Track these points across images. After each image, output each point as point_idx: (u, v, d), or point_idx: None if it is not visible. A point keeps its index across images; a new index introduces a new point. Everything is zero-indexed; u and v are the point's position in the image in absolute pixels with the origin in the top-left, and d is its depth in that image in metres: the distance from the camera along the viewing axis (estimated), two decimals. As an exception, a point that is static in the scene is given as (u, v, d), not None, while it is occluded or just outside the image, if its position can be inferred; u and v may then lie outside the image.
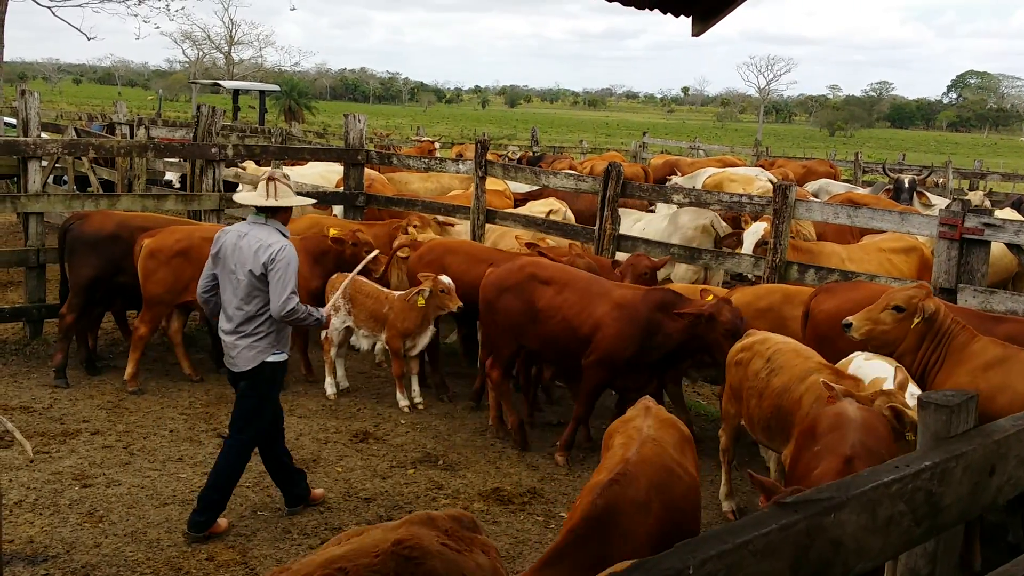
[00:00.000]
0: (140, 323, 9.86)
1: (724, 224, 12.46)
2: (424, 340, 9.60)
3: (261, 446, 7.06)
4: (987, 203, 16.79)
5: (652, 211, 13.98)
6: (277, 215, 6.88)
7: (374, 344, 9.77)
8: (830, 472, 4.69)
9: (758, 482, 4.61)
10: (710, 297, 8.10)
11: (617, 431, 5.60)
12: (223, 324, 6.84)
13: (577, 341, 8.22)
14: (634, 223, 12.15)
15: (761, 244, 10.70)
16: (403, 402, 9.59)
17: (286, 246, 6.67)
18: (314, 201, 11.04)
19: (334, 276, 9.77)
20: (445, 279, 9.33)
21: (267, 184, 6.85)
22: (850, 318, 7.01)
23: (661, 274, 10.77)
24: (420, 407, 9.61)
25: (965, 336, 6.83)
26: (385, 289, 9.89)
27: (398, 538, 3.75)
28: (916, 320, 6.84)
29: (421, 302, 9.23)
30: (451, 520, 4.13)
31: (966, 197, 18.12)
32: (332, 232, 10.21)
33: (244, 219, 7.11)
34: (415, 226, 11.72)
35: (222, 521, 6.83)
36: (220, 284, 6.86)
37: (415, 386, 9.73)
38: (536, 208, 12.98)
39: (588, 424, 8.99)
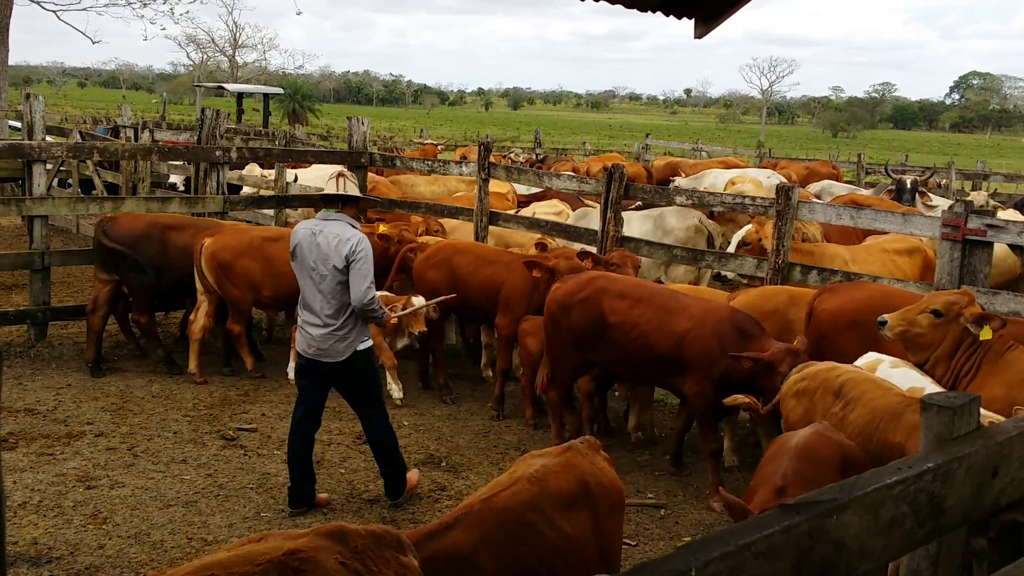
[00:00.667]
0: (231, 324, 10.32)
1: (712, 222, 12.52)
2: (399, 342, 9.78)
3: (298, 430, 7.30)
4: (991, 203, 16.78)
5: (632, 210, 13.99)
6: (345, 209, 7.15)
7: None
8: (761, 504, 4.60)
9: (728, 502, 4.52)
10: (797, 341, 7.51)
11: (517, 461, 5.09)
12: (307, 318, 7.07)
13: (656, 358, 7.82)
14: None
15: (743, 245, 10.76)
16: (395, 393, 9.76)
17: (363, 238, 6.99)
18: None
19: None
20: (416, 301, 9.26)
21: (337, 179, 7.17)
22: (886, 316, 6.78)
23: (651, 275, 10.79)
24: (397, 403, 9.68)
25: (1000, 345, 6.60)
26: None
27: (292, 548, 3.40)
28: (963, 327, 6.60)
29: (394, 320, 9.11)
30: (368, 537, 3.66)
31: (968, 198, 18.14)
32: (382, 228, 10.65)
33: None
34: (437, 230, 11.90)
35: (412, 475, 7.58)
36: (300, 281, 7.11)
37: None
38: (541, 210, 13.00)
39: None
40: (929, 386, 6.13)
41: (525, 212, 13.00)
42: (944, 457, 2.89)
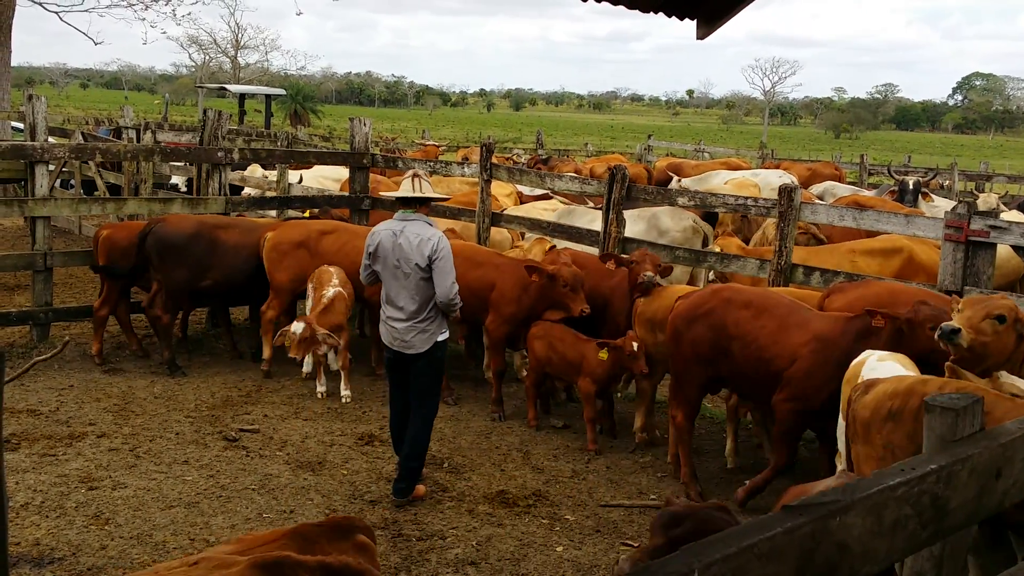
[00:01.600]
0: (268, 308, 10.63)
1: (704, 223, 12.55)
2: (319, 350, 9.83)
3: (400, 423, 7.75)
4: (1001, 205, 16.78)
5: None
6: (420, 209, 7.57)
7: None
8: None
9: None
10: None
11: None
12: (392, 313, 7.50)
13: (768, 375, 7.39)
14: (590, 221, 12.00)
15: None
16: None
17: (443, 237, 7.49)
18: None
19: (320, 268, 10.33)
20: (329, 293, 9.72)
21: (412, 180, 7.64)
22: (954, 323, 6.08)
23: None
24: (321, 396, 9.86)
25: None
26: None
27: None
28: (1019, 333, 6.16)
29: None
30: (317, 569, 3.34)
31: (978, 198, 18.10)
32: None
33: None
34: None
35: (421, 487, 7.60)
36: (383, 279, 7.53)
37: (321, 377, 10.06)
38: (540, 209, 13.00)
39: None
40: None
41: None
42: (948, 459, 2.88)
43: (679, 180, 18.65)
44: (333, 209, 12.91)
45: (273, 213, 13.75)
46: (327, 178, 16.23)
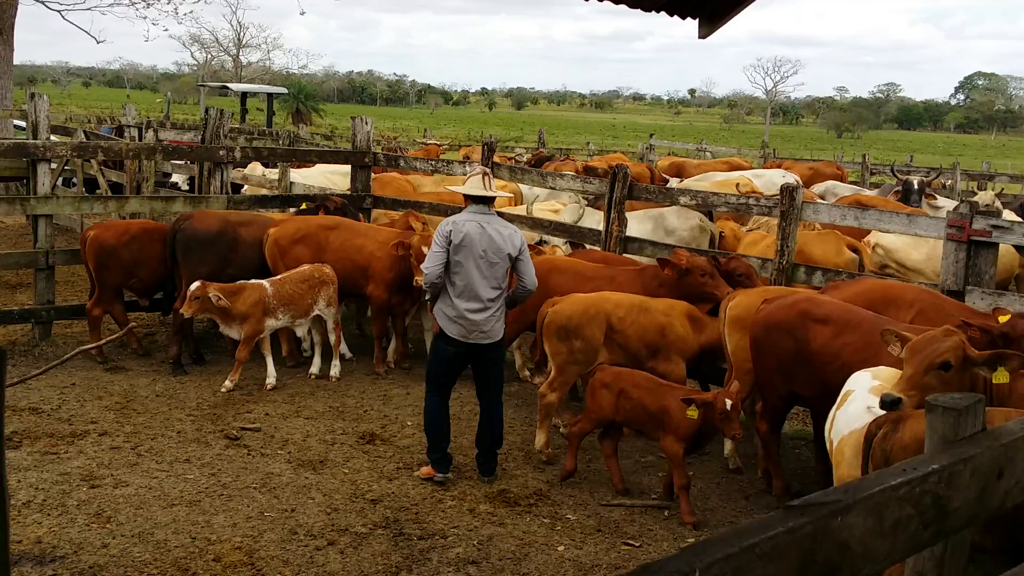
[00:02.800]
0: None
1: (710, 222, 12.57)
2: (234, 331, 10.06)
3: (442, 412, 8.13)
4: (997, 203, 16.76)
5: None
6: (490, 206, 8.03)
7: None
8: None
9: None
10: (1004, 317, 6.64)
11: None
12: (470, 305, 7.74)
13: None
14: (596, 223, 11.99)
15: None
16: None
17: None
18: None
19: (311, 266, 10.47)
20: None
21: (483, 178, 7.91)
22: (892, 392, 5.53)
23: None
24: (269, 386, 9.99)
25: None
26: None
27: None
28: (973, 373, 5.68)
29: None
30: None
31: (975, 198, 18.09)
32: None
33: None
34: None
35: (425, 469, 8.00)
36: (461, 270, 7.71)
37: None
38: (540, 209, 13.01)
39: None
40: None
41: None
42: (949, 459, 2.88)
43: (680, 181, 18.65)
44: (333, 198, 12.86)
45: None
46: (335, 173, 16.23)
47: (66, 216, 17.74)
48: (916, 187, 16.64)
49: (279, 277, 10.23)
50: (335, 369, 10.40)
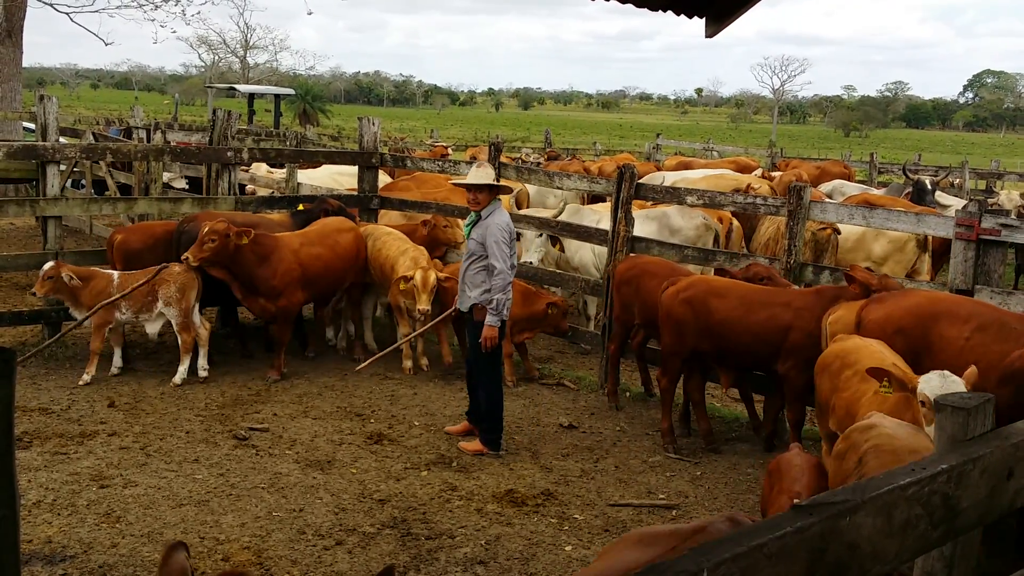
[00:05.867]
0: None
1: (714, 221, 12.60)
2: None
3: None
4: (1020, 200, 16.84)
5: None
6: None
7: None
8: None
9: None
10: None
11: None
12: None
13: None
14: (598, 222, 11.98)
15: None
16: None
17: None
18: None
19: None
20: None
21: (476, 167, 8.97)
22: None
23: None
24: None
25: None
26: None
27: None
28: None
29: None
30: None
31: (999, 196, 18.07)
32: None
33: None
34: (446, 226, 12.01)
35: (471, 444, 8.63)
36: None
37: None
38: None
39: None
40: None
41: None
42: (958, 458, 2.88)
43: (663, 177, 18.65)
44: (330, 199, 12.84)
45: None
46: (341, 174, 16.25)
47: (75, 217, 17.77)
48: (929, 187, 16.61)
49: (129, 272, 10.14)
50: (179, 374, 9.98)
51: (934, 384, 5.41)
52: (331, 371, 10.51)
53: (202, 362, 10.15)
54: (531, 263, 11.77)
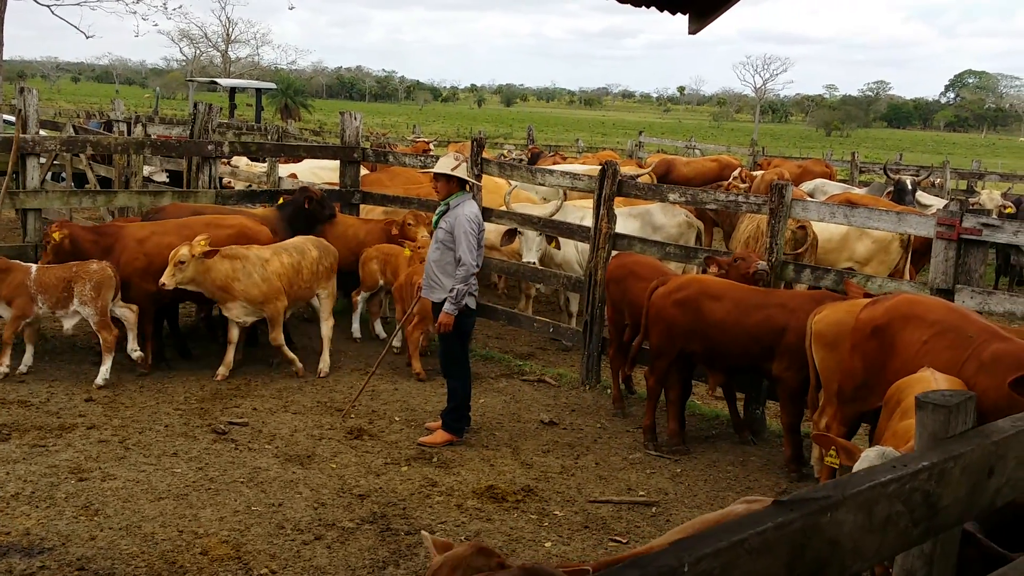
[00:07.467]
0: None
1: (696, 219, 12.65)
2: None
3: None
4: (1001, 204, 16.93)
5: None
6: None
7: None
8: None
9: None
10: None
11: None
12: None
13: None
14: (581, 219, 11.96)
15: None
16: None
17: None
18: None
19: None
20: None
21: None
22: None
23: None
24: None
25: None
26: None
27: None
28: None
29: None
30: None
31: (980, 196, 18.15)
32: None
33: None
34: (410, 223, 11.85)
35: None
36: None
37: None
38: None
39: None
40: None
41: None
42: (939, 456, 2.88)
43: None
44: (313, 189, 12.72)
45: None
46: (323, 168, 16.21)
47: (55, 210, 17.67)
48: (910, 187, 16.69)
49: (48, 266, 9.85)
50: (101, 375, 9.64)
51: (871, 458, 5.39)
52: (311, 366, 10.46)
53: (132, 344, 9.91)
54: (532, 263, 11.70)
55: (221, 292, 9.85)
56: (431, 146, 25.03)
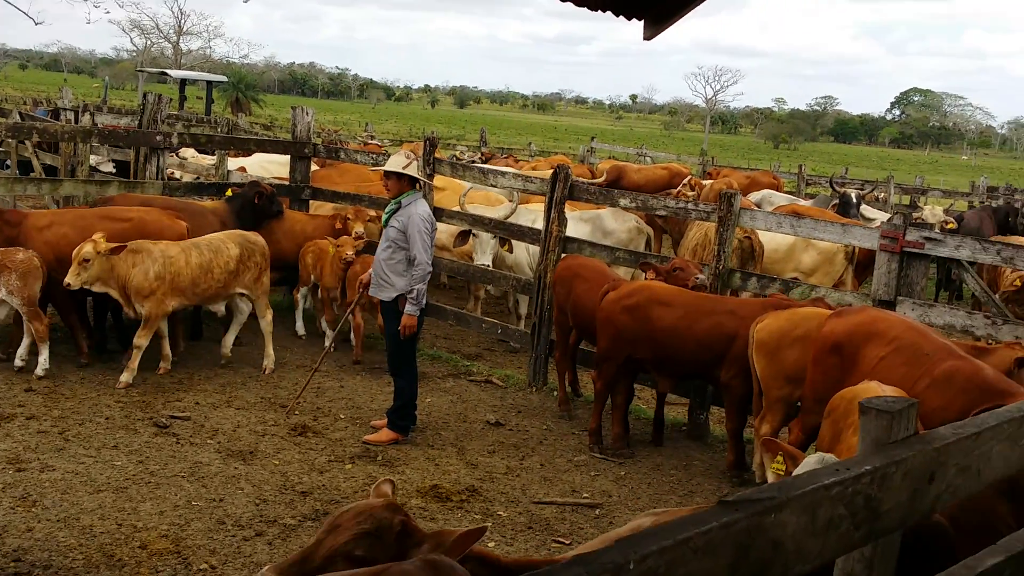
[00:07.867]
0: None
1: (646, 224, 12.73)
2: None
3: None
4: (942, 220, 17.19)
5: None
6: None
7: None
8: None
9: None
10: None
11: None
12: None
13: None
14: (532, 222, 11.99)
15: None
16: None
17: None
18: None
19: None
20: None
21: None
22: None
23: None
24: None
25: None
26: None
27: None
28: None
29: None
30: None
31: (923, 211, 18.44)
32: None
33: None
34: (348, 218, 11.83)
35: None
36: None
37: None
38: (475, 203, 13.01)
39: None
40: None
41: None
42: (882, 460, 2.91)
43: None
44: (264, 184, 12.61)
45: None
46: (272, 162, 16.11)
47: (-2, 197, 17.45)
48: (855, 200, 16.94)
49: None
50: (40, 366, 9.46)
51: (811, 464, 5.40)
52: (256, 361, 10.40)
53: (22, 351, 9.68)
54: (486, 265, 11.69)
55: (128, 291, 9.53)
56: (384, 151, 24.99)
